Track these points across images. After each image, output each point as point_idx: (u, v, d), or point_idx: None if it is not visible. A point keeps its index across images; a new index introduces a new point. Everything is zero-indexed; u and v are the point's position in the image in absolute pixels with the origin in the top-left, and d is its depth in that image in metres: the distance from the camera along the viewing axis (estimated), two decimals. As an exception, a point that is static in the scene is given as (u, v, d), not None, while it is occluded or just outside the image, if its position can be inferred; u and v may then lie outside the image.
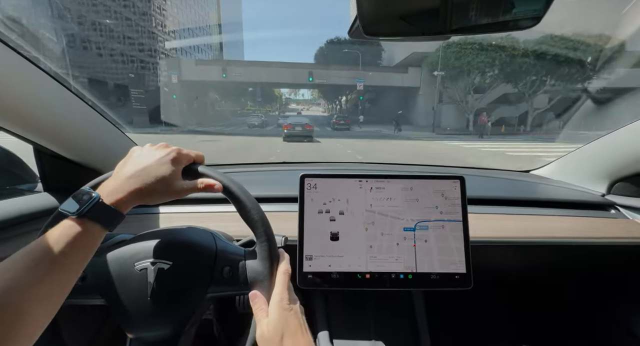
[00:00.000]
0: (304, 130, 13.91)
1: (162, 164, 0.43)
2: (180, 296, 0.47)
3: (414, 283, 0.62)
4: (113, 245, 0.50)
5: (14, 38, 0.52)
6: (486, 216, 0.86)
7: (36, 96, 0.62)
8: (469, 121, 21.45)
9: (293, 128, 13.88)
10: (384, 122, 27.23)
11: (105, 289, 0.46)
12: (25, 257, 0.34)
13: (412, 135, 17.99)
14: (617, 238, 0.82)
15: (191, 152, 0.48)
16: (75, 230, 0.36)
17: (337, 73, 28.39)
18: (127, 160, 0.44)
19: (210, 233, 0.54)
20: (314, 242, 0.63)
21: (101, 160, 0.82)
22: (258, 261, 0.47)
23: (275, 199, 0.87)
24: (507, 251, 0.86)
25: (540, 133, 18.66)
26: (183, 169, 0.46)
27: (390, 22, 0.45)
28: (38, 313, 0.33)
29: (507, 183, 1.15)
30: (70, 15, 29.55)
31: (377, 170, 1.21)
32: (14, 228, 0.64)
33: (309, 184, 0.64)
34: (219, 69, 27.44)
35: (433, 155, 10.22)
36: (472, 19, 0.43)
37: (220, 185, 0.46)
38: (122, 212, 0.40)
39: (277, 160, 1.35)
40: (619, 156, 0.90)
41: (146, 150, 0.45)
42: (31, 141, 0.70)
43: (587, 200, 0.94)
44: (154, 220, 0.81)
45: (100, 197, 0.39)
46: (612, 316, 0.94)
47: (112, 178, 0.42)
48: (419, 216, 0.64)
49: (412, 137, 17.31)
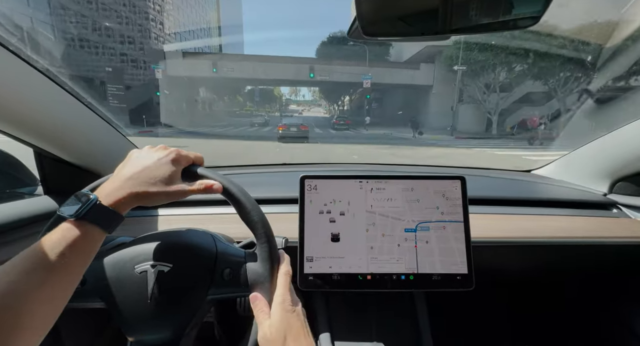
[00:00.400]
0: (299, 131, 13.88)
1: (160, 165, 0.43)
2: (180, 298, 0.47)
3: (416, 284, 0.62)
4: (113, 248, 0.50)
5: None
6: (487, 216, 0.85)
7: (36, 99, 0.62)
8: (493, 123, 18.34)
9: (288, 129, 13.86)
10: (391, 123, 24.72)
11: (105, 292, 0.46)
12: (24, 260, 0.34)
13: (431, 140, 15.50)
14: (619, 237, 0.81)
15: (190, 153, 0.48)
16: (74, 233, 0.36)
17: (341, 69, 25.24)
18: (125, 162, 0.44)
19: (210, 235, 0.54)
20: (314, 244, 0.63)
21: (102, 163, 0.82)
22: (258, 263, 0.47)
23: (275, 201, 0.87)
24: (508, 251, 0.85)
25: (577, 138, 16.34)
26: (182, 171, 0.46)
27: (390, 23, 0.45)
28: (39, 317, 0.33)
29: (508, 183, 1.14)
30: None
31: (377, 171, 1.21)
32: (14, 231, 0.63)
33: (309, 185, 0.64)
34: (209, 63, 23.97)
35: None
36: (472, 19, 0.43)
37: (219, 186, 0.45)
38: (121, 214, 0.40)
39: (277, 162, 1.34)
40: (621, 155, 0.90)
41: (145, 152, 0.45)
42: (31, 144, 0.70)
43: (588, 200, 0.93)
44: (153, 222, 0.81)
45: (98, 199, 0.38)
46: (614, 317, 0.93)
47: (110, 180, 0.42)
48: (419, 217, 0.64)
49: (432, 141, 14.68)
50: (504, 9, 0.43)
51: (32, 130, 0.65)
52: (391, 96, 32.37)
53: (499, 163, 8.92)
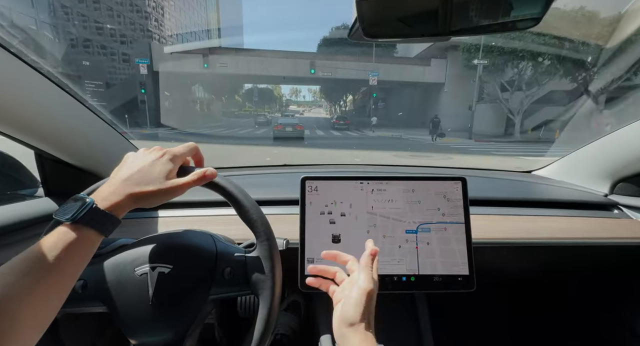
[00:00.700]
0: (295, 130, 14.00)
1: (156, 165, 0.43)
2: (181, 299, 0.47)
3: (417, 285, 0.62)
4: (112, 250, 0.50)
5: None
6: (488, 217, 0.85)
7: (37, 101, 0.62)
8: (515, 124, 15.71)
9: (284, 128, 14.01)
10: (399, 124, 23.54)
11: (106, 296, 0.46)
12: (20, 263, 0.34)
13: (448, 143, 13.73)
14: (620, 238, 0.81)
15: (180, 148, 0.48)
16: (70, 236, 0.36)
17: (345, 65, 23.06)
18: (121, 165, 0.45)
19: (209, 235, 0.54)
20: (315, 245, 0.62)
21: (103, 165, 0.82)
22: (259, 261, 0.47)
23: (276, 202, 0.87)
24: (509, 252, 0.85)
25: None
26: (179, 169, 0.46)
27: (390, 24, 0.45)
28: (34, 319, 0.33)
29: (509, 184, 1.14)
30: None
31: (377, 172, 1.21)
32: (14, 233, 0.63)
33: (310, 187, 0.64)
34: (200, 58, 21.04)
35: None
36: (472, 20, 0.43)
37: (213, 170, 0.46)
38: (117, 217, 0.40)
39: (278, 163, 1.34)
40: (621, 155, 0.90)
41: (140, 154, 0.46)
42: (32, 146, 0.70)
43: (589, 201, 0.93)
44: (153, 224, 0.81)
45: (94, 202, 0.39)
46: (616, 318, 0.93)
47: (106, 184, 0.42)
48: (421, 218, 0.64)
49: (452, 145, 12.90)
50: (503, 10, 0.43)
51: (34, 132, 0.65)
52: (398, 95, 30.43)
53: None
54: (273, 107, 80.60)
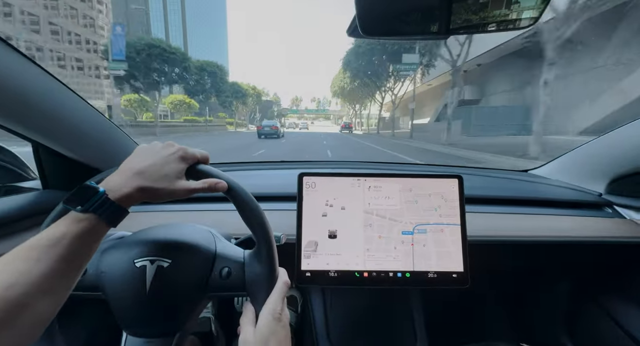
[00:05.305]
0: (271, 129, 20.61)
1: (168, 162, 0.43)
2: (177, 294, 0.47)
3: (412, 281, 0.63)
4: (113, 240, 0.51)
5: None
6: (484, 215, 0.86)
7: (34, 94, 0.62)
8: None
9: (263, 128, 20.82)
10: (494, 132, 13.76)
11: (104, 284, 0.46)
12: (28, 251, 0.33)
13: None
14: (613, 237, 0.82)
15: (196, 151, 0.47)
16: (80, 226, 0.36)
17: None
18: (133, 156, 0.44)
19: (210, 232, 0.54)
20: (312, 240, 0.63)
21: (100, 157, 0.82)
22: (256, 265, 0.47)
23: (273, 197, 0.87)
24: (504, 250, 0.86)
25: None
26: (187, 169, 0.46)
27: (389, 22, 0.45)
28: (42, 308, 0.33)
29: (505, 182, 1.15)
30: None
31: (375, 169, 1.22)
32: (11, 225, 0.64)
33: (308, 183, 0.65)
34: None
35: None
36: (470, 19, 0.43)
37: (224, 185, 0.45)
38: (126, 208, 0.40)
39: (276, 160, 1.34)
40: (616, 155, 0.91)
41: (153, 148, 0.45)
42: (29, 139, 0.69)
43: (584, 200, 0.94)
44: (153, 216, 0.81)
45: (105, 193, 0.38)
46: (608, 315, 0.95)
47: (117, 174, 0.41)
48: (417, 219, 0.64)
49: None
50: (501, 9, 0.44)
51: (30, 125, 0.65)
52: (491, 81, 18.40)
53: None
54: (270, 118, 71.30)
